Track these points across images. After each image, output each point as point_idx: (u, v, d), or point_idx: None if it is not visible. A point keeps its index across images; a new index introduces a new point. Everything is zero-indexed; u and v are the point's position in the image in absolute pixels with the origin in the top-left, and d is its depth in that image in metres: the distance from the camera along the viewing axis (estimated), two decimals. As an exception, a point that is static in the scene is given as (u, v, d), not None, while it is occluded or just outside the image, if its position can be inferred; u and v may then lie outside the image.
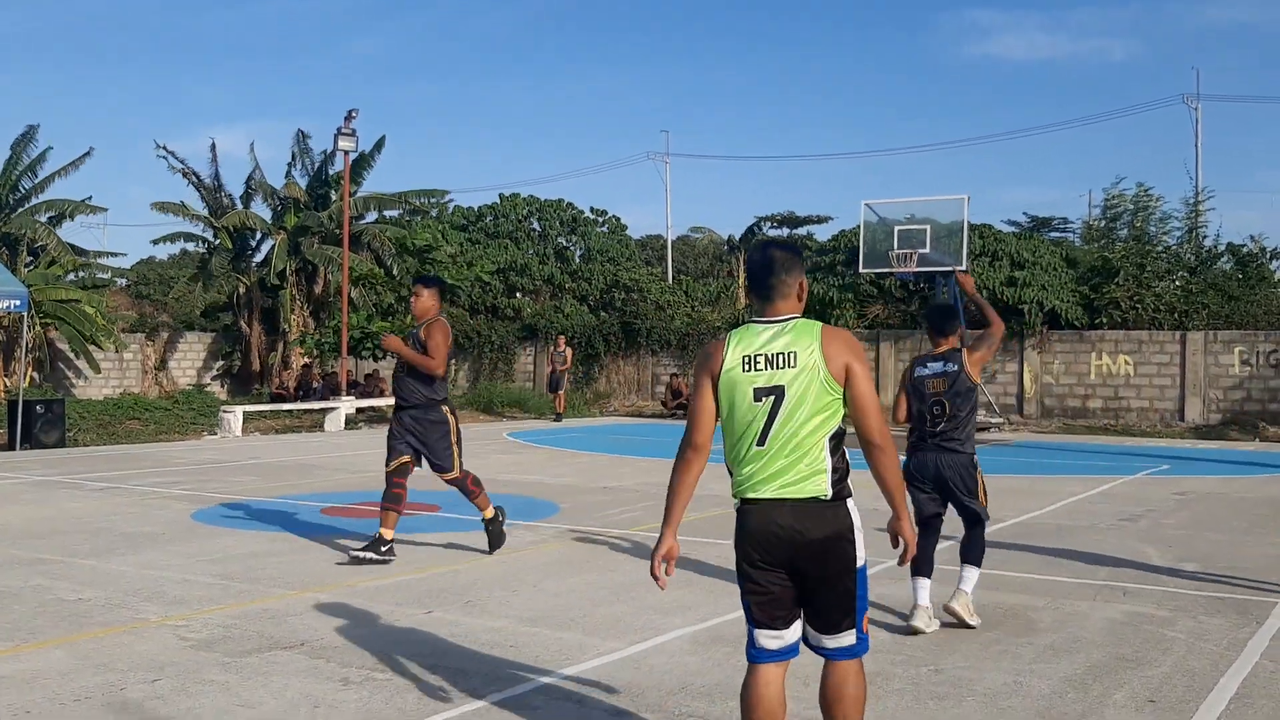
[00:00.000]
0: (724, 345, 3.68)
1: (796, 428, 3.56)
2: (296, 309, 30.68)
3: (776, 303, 3.72)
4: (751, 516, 3.64)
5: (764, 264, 3.75)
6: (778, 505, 3.59)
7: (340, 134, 23.64)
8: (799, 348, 3.59)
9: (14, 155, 28.43)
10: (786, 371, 3.57)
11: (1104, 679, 5.39)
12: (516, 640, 5.96)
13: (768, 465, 3.60)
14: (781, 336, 3.62)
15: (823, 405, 3.57)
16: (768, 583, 3.65)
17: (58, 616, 6.41)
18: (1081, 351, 25.09)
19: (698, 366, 3.74)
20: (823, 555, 3.59)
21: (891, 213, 24.62)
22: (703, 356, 3.74)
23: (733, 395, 3.63)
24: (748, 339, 3.67)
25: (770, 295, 3.73)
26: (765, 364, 3.59)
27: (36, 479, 13.31)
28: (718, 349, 3.70)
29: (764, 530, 3.61)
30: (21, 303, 17.73)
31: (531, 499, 11.73)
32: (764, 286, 3.74)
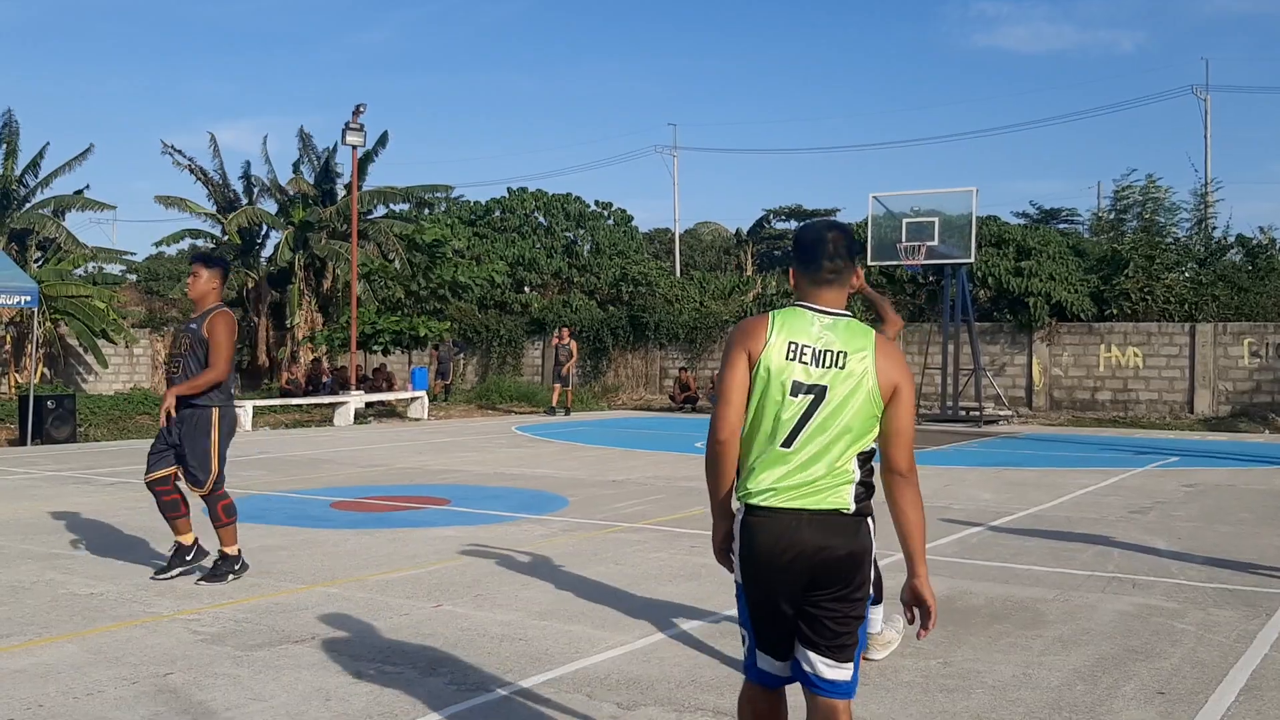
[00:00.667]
0: (768, 324, 3.24)
1: (830, 437, 3.17)
2: (304, 304, 30.76)
3: (830, 291, 3.31)
4: (764, 529, 3.19)
5: (827, 244, 3.31)
6: (796, 516, 3.16)
7: (349, 129, 23.66)
8: (850, 349, 3.21)
9: (9, 148, 28.39)
10: (833, 372, 3.18)
11: (1113, 671, 5.39)
12: (526, 633, 5.98)
13: (791, 472, 3.18)
14: (833, 331, 3.23)
15: (864, 419, 3.19)
16: (777, 605, 3.22)
17: (70, 611, 6.44)
18: (1090, 344, 25.04)
19: (733, 341, 3.26)
20: (840, 575, 3.20)
21: (900, 205, 24.58)
22: (741, 332, 3.28)
23: (767, 382, 3.19)
24: (796, 324, 3.24)
25: (826, 280, 3.30)
26: (811, 358, 3.19)
27: (48, 474, 13.37)
28: (760, 326, 3.24)
29: (780, 545, 3.17)
30: (33, 298, 17.79)
31: (540, 492, 11.76)
32: (820, 269, 3.30)
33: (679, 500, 11.13)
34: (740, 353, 3.23)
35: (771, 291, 30.70)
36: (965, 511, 10.54)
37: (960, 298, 23.40)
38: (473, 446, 17.33)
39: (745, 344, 3.23)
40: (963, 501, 11.25)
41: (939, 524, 9.78)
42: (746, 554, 3.22)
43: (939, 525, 9.71)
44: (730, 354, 3.26)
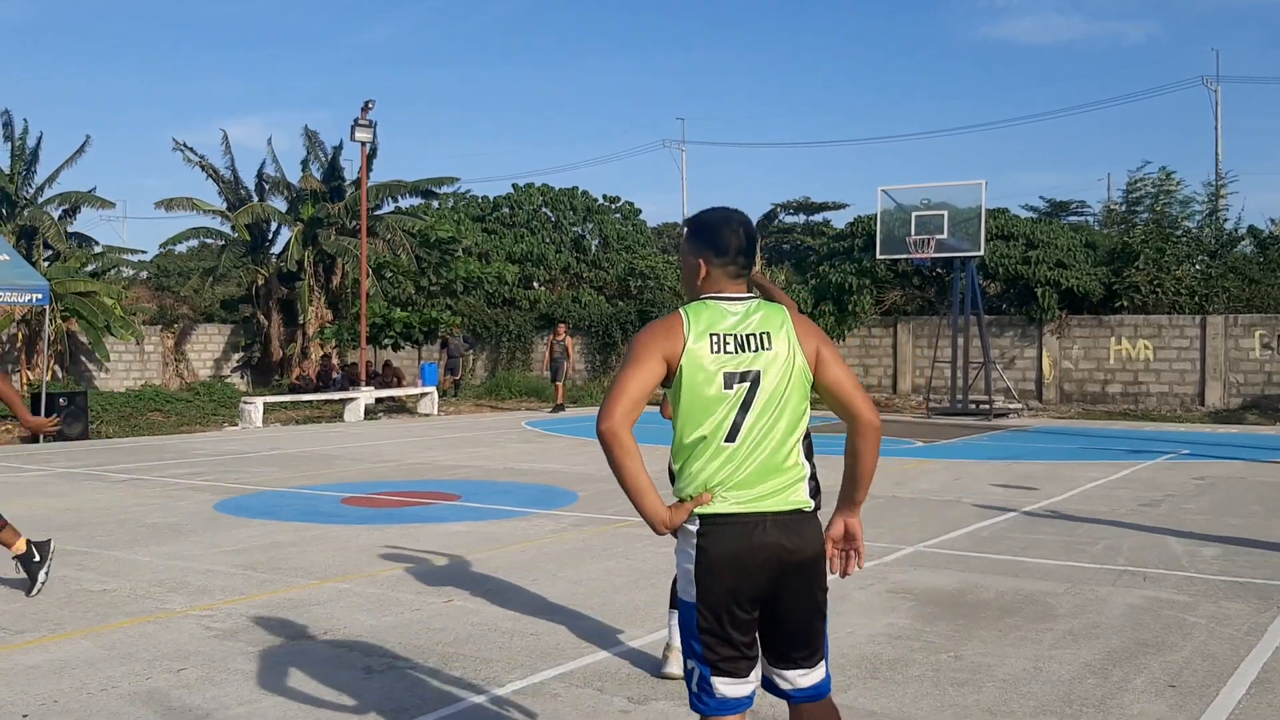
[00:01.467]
0: (683, 322, 3.06)
1: (771, 423, 3.03)
2: (314, 300, 30.83)
3: (740, 282, 3.18)
4: (727, 536, 2.99)
5: (740, 235, 3.18)
6: (759, 520, 3.00)
7: (358, 125, 23.71)
8: (771, 329, 3.09)
9: (14, 149, 28.52)
10: (762, 355, 3.05)
11: (1124, 664, 5.39)
12: (536, 628, 6.00)
13: (740, 468, 3.02)
14: (752, 316, 3.10)
15: (799, 396, 3.09)
16: (740, 621, 3.03)
17: (84, 607, 6.48)
18: (1100, 336, 24.98)
19: (643, 343, 3.05)
20: (809, 577, 3.07)
21: (908, 198, 24.54)
22: (651, 334, 3.07)
23: (695, 379, 3.02)
24: (710, 317, 3.08)
25: (737, 274, 3.17)
26: (736, 345, 3.05)
27: (60, 471, 13.43)
28: (674, 326, 3.05)
29: (743, 553, 2.99)
30: (44, 296, 17.87)
31: (550, 487, 11.78)
32: (737, 258, 3.16)
33: (689, 495, 11.13)
34: (654, 355, 3.02)
35: (780, 284, 30.64)
36: (975, 505, 10.54)
37: (969, 291, 23.37)
38: (482, 442, 17.37)
39: (659, 346, 3.03)
40: (973, 495, 11.24)
41: (949, 517, 9.78)
42: (706, 567, 3.00)
43: (948, 519, 9.71)
44: (638, 353, 3.03)
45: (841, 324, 27.07)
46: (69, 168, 29.35)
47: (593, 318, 30.68)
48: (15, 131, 28.51)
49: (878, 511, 10.14)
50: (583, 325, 30.82)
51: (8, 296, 17.80)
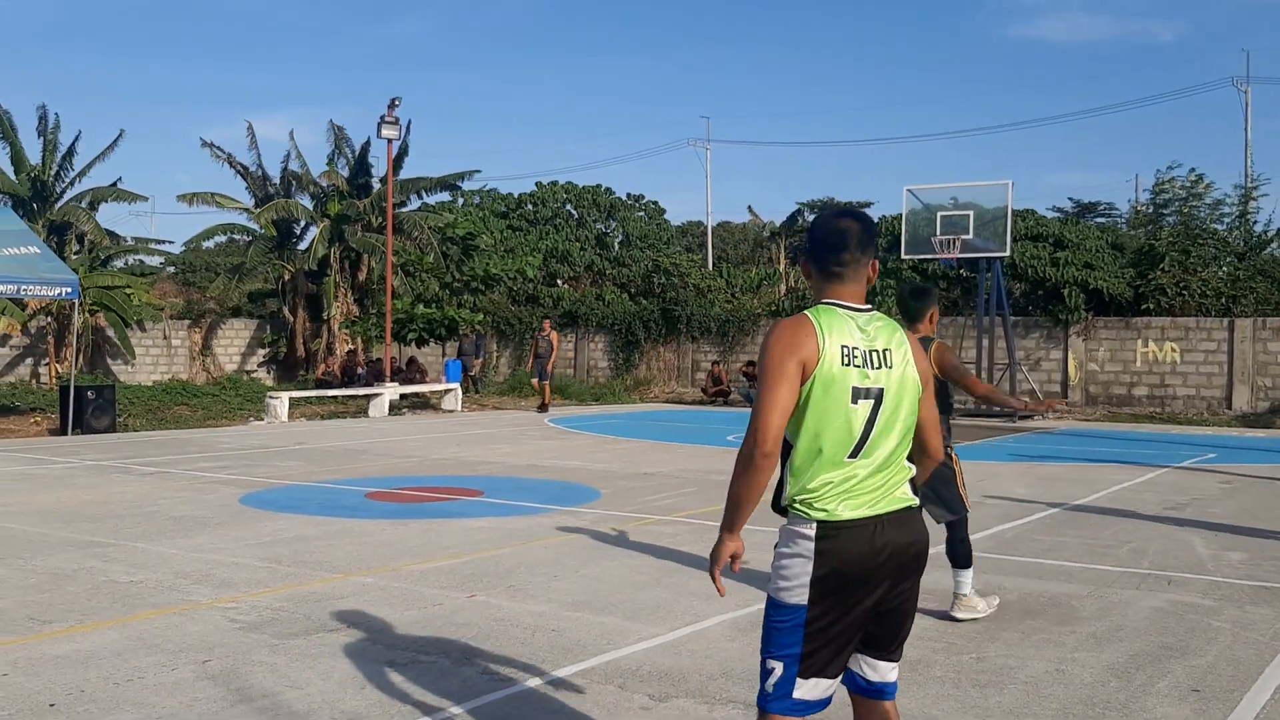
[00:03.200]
0: (815, 330, 3.00)
1: (894, 439, 3.07)
2: (340, 296, 31.00)
3: (856, 285, 3.13)
4: (851, 540, 3.00)
5: (848, 235, 3.12)
6: (877, 522, 3.03)
7: (384, 122, 23.81)
8: (893, 346, 3.09)
9: (47, 143, 28.86)
10: (883, 372, 3.04)
11: (1147, 668, 5.36)
12: (558, 624, 6.02)
13: (861, 482, 3.03)
14: (871, 329, 3.09)
15: (912, 413, 3.12)
16: (852, 621, 3.04)
17: (111, 598, 6.55)
18: (1127, 338, 24.81)
19: (781, 350, 2.98)
20: (917, 569, 3.12)
21: (934, 198, 24.45)
22: (789, 339, 2.99)
23: (827, 393, 2.98)
24: (839, 326, 3.04)
25: (852, 276, 3.12)
26: (864, 360, 3.02)
27: (89, 463, 13.56)
28: (809, 333, 2.99)
29: (866, 556, 3.00)
30: (73, 290, 18.03)
31: (573, 484, 11.81)
32: (844, 264, 3.11)
33: (711, 493, 11.15)
34: (793, 362, 2.97)
35: (803, 286, 30.59)
36: (999, 507, 10.50)
37: (995, 291, 23.25)
38: (505, 438, 17.42)
39: (797, 353, 2.98)
40: (996, 497, 11.19)
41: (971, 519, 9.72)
42: (828, 571, 2.99)
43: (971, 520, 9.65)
44: (780, 363, 2.97)
45: (865, 324, 26.95)
46: (100, 162, 29.65)
47: (616, 315, 30.70)
48: (48, 126, 28.82)
49: (900, 512, 10.11)
50: (606, 323, 30.84)
51: (37, 290, 17.96)
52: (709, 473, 12.91)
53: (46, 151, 28.85)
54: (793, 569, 3.04)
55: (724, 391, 27.13)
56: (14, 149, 28.56)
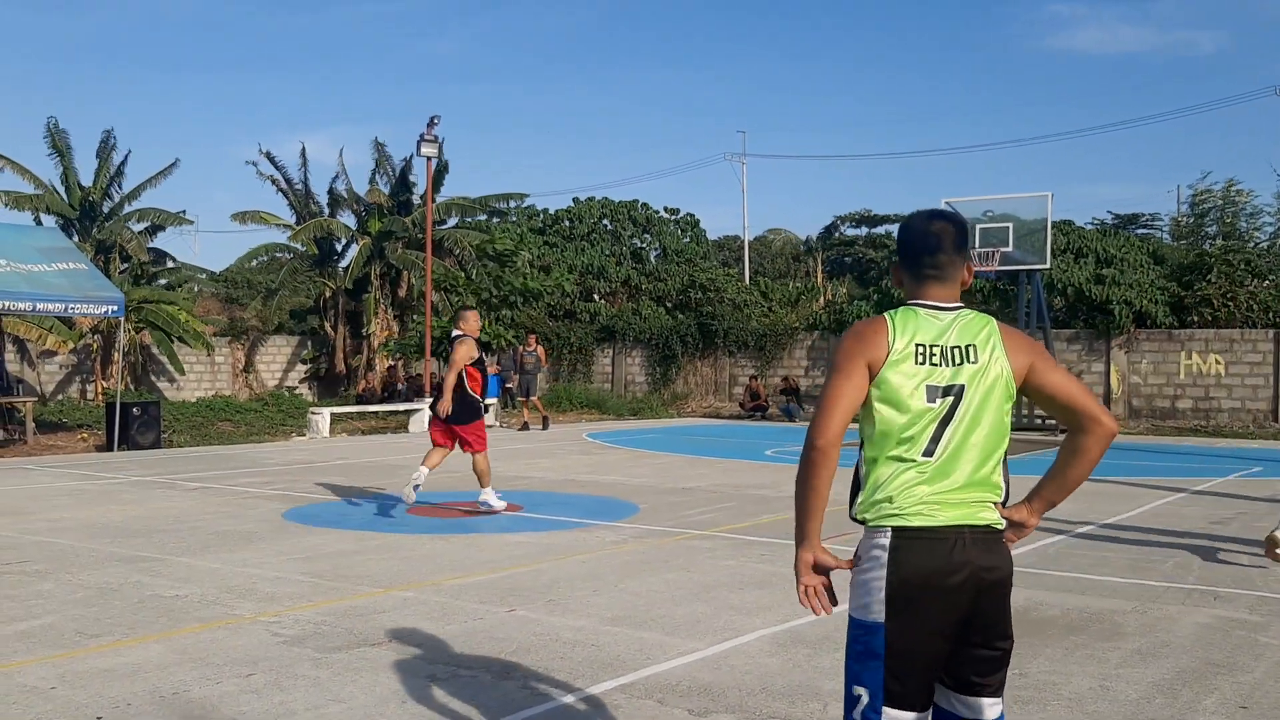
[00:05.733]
0: (888, 328, 2.92)
1: (976, 439, 2.92)
2: (380, 312, 31.26)
3: (941, 287, 3.01)
4: (924, 551, 2.82)
5: (941, 236, 3.03)
6: (957, 534, 2.84)
7: (423, 140, 24.02)
8: (979, 342, 2.95)
9: (101, 164, 29.41)
10: (966, 368, 2.91)
11: (1194, 684, 5.29)
12: (598, 639, 6.03)
13: (939, 484, 2.87)
14: (955, 326, 2.96)
15: (1001, 412, 2.97)
16: (933, 644, 2.84)
17: (156, 612, 6.63)
18: (1170, 351, 24.52)
19: (848, 349, 2.91)
20: (1003, 598, 2.93)
21: (972, 211, 24.30)
22: (857, 339, 2.92)
23: (899, 391, 2.87)
24: (916, 324, 2.94)
25: (941, 276, 3.01)
26: (942, 357, 2.90)
27: (134, 479, 13.74)
28: (879, 331, 2.91)
29: (948, 567, 2.81)
30: (119, 308, 18.30)
31: (611, 499, 11.82)
32: (934, 265, 3.01)
33: (749, 508, 11.12)
34: (858, 362, 2.88)
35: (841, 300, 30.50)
36: (1042, 522, 10.38)
37: (1035, 304, 23.08)
38: (543, 453, 17.47)
39: (865, 353, 2.89)
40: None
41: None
42: (901, 583, 2.81)
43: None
44: (845, 362, 2.89)
45: (904, 337, 26.82)
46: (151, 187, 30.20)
47: (653, 330, 30.74)
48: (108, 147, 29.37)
49: (941, 527, 10.05)
50: (643, 338, 30.88)
51: (84, 308, 18.26)
52: (747, 488, 12.88)
53: (100, 171, 29.40)
54: (870, 581, 2.85)
55: (762, 406, 27.07)
56: (66, 168, 29.12)
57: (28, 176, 28.64)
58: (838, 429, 2.85)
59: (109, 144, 29.46)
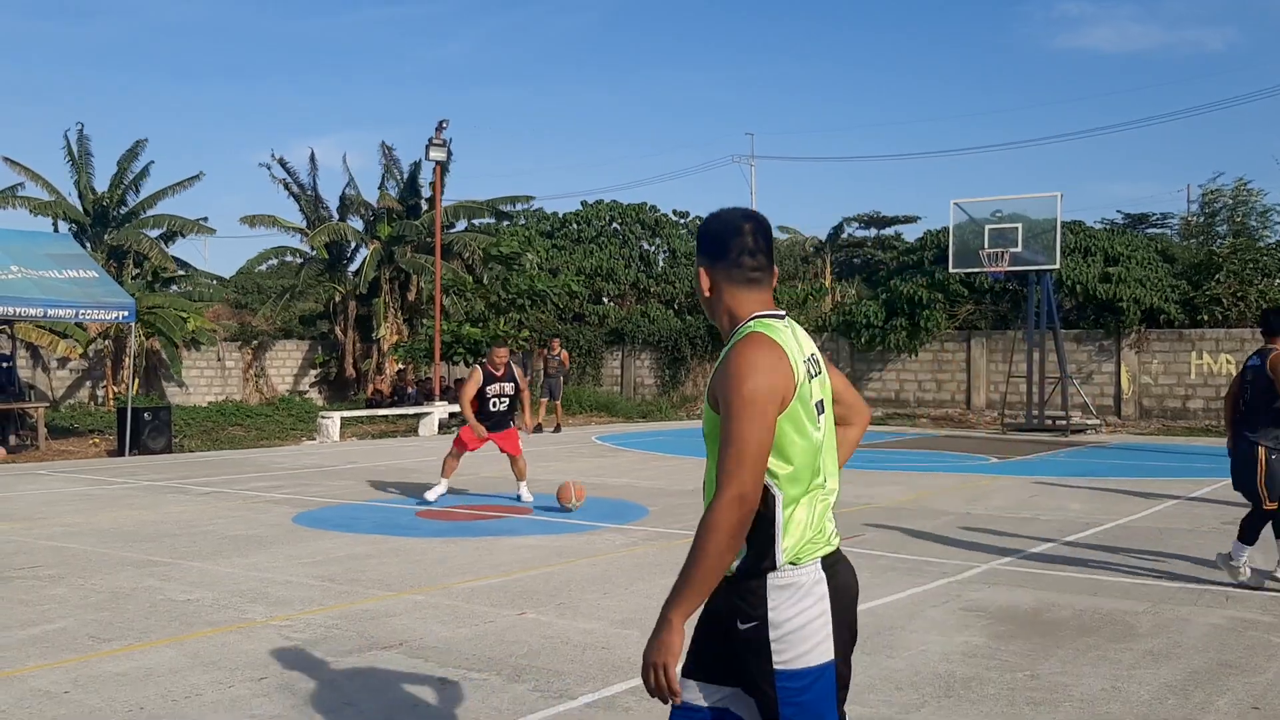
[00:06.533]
0: (784, 350, 2.61)
1: (835, 452, 2.81)
2: (390, 316, 31.34)
3: (769, 290, 2.77)
4: (842, 575, 2.69)
5: (762, 235, 2.75)
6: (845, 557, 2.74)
7: (432, 144, 24.07)
8: (815, 350, 2.79)
9: (120, 170, 29.62)
10: (821, 380, 2.76)
11: (1206, 685, 5.28)
12: (609, 642, 6.04)
13: (830, 505, 2.72)
14: (799, 335, 2.75)
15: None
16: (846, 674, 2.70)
17: (168, 616, 6.66)
18: (1181, 351, 24.44)
19: (769, 385, 2.54)
20: None
21: (981, 211, 24.28)
22: (771, 371, 2.56)
23: (805, 419, 2.62)
24: (790, 340, 2.67)
25: (766, 280, 2.75)
26: (814, 370, 2.72)
27: (145, 484, 13.79)
28: (782, 355, 2.60)
29: (854, 588, 2.74)
30: (130, 314, 18.37)
31: (621, 501, 11.83)
32: (758, 268, 2.74)
33: (759, 510, 11.11)
34: (777, 399, 2.55)
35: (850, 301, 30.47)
36: (1053, 522, 10.38)
37: (1045, 304, 23.02)
38: (553, 456, 17.48)
39: (781, 386, 2.57)
40: (1050, 512, 11.07)
41: (1024, 535, 9.64)
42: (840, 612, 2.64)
43: (1024, 536, 9.57)
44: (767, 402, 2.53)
45: (914, 338, 26.81)
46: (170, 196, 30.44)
47: (661, 332, 30.75)
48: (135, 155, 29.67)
49: (951, 528, 10.04)
50: (652, 340, 30.90)
51: (95, 314, 18.33)
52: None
53: (116, 178, 29.60)
54: (810, 623, 2.59)
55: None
56: (80, 175, 29.31)
57: (41, 182, 28.85)
58: (758, 480, 2.53)
59: (134, 151, 29.71)
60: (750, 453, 2.49)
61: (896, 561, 8.36)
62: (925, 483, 13.57)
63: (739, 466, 2.48)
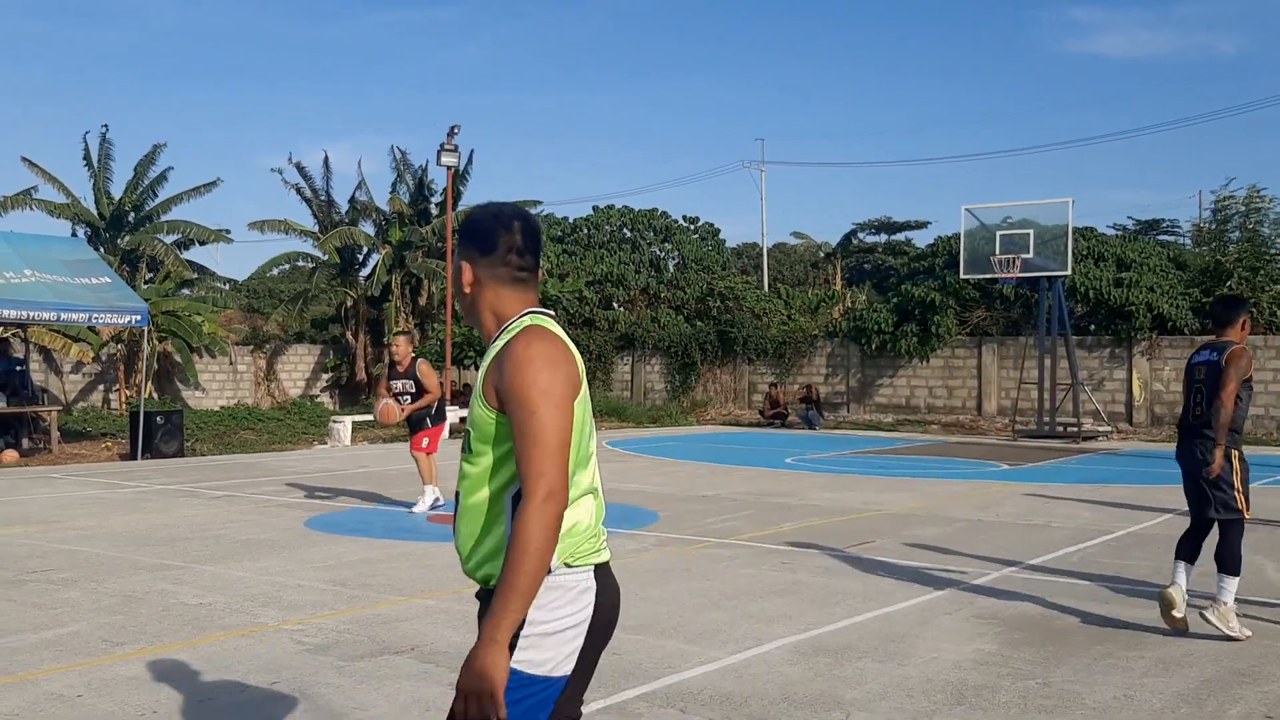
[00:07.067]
0: (568, 345, 2.55)
1: None
2: (401, 321, 31.41)
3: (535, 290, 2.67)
4: (609, 587, 2.57)
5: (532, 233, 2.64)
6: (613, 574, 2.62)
7: (443, 149, 24.14)
8: None
9: (136, 176, 29.78)
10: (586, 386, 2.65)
11: (1219, 694, 5.27)
12: (619, 647, 6.03)
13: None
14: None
15: None
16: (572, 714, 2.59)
17: (181, 620, 6.68)
18: (1194, 357, 24.35)
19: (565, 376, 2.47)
20: None
21: (992, 217, 24.26)
22: (566, 363, 2.49)
23: (586, 417, 2.55)
24: (564, 335, 2.59)
25: (533, 280, 2.66)
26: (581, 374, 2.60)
27: (158, 488, 13.84)
28: (569, 350, 2.53)
29: (611, 616, 2.58)
30: (143, 318, 18.45)
31: (631, 507, 11.83)
32: (526, 267, 2.63)
33: (770, 516, 11.11)
34: (572, 390, 2.48)
35: (860, 307, 30.44)
36: (1065, 530, 10.36)
37: (1056, 311, 22.98)
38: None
39: (573, 380, 2.49)
40: (1061, 520, 11.04)
41: (1036, 542, 9.62)
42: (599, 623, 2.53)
43: (1036, 543, 9.55)
44: (566, 393, 2.45)
45: (925, 344, 26.77)
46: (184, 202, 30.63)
47: (672, 338, 30.77)
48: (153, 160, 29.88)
49: (962, 536, 10.03)
50: (662, 345, 30.92)
51: (108, 318, 18.40)
52: (767, 495, 12.87)
53: (132, 182, 29.77)
54: (564, 632, 2.45)
55: (782, 414, 27.04)
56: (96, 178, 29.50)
57: (57, 185, 29.04)
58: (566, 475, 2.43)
59: (152, 156, 29.91)
60: (554, 447, 2.38)
61: (907, 568, 8.35)
62: (936, 489, 13.55)
63: (544, 462, 2.37)
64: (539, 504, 2.34)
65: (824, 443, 21.37)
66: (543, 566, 2.34)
